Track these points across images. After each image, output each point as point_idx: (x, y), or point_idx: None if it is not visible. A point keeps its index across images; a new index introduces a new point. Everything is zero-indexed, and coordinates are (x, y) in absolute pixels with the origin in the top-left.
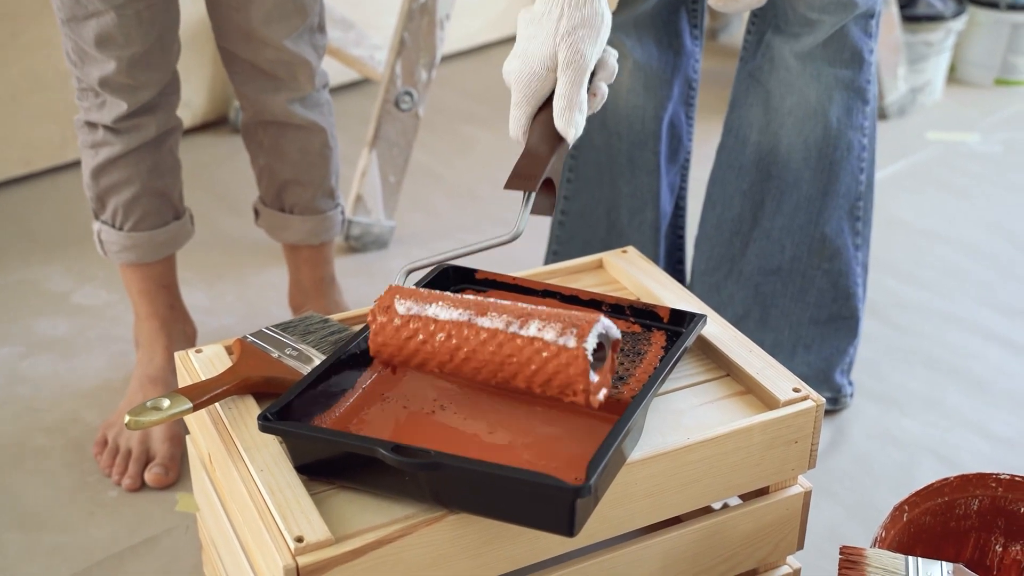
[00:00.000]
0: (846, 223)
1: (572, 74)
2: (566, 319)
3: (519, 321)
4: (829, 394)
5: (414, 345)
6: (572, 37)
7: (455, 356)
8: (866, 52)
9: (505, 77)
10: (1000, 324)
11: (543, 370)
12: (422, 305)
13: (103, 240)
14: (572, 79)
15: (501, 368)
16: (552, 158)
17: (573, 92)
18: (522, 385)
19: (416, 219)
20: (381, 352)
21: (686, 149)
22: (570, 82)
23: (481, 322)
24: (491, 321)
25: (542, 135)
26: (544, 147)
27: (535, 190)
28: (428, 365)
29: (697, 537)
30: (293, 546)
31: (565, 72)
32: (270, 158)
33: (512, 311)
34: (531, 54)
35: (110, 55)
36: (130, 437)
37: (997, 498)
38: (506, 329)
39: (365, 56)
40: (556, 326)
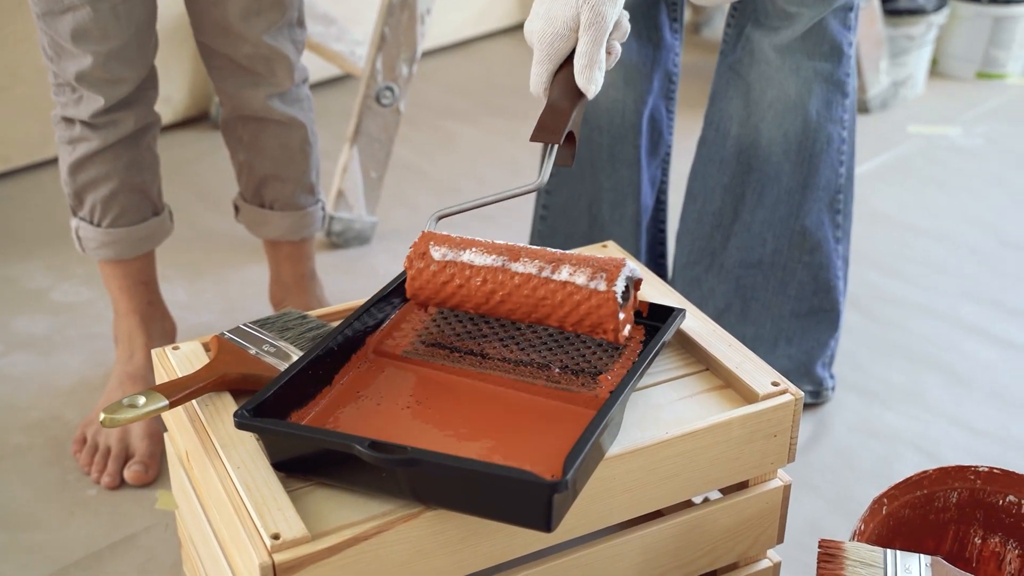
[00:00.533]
0: (826, 216)
1: (594, 33)
2: (595, 264)
3: (551, 266)
4: (810, 387)
5: (451, 289)
6: (593, 0)
7: (491, 299)
8: (845, 45)
9: (527, 36)
10: (981, 317)
11: (576, 311)
12: (457, 251)
13: (81, 236)
14: (593, 38)
15: (535, 309)
16: (573, 112)
17: (594, 51)
18: (555, 324)
19: (399, 215)
20: (418, 295)
21: (667, 143)
22: (591, 41)
23: (515, 267)
24: (524, 266)
25: (563, 91)
26: (566, 102)
27: (560, 143)
28: (464, 306)
29: (677, 532)
30: (269, 543)
31: (587, 32)
32: (249, 154)
33: (543, 256)
34: (554, 15)
35: (86, 50)
36: (109, 435)
37: (976, 491)
38: (539, 274)
39: (346, 51)
40: (586, 271)
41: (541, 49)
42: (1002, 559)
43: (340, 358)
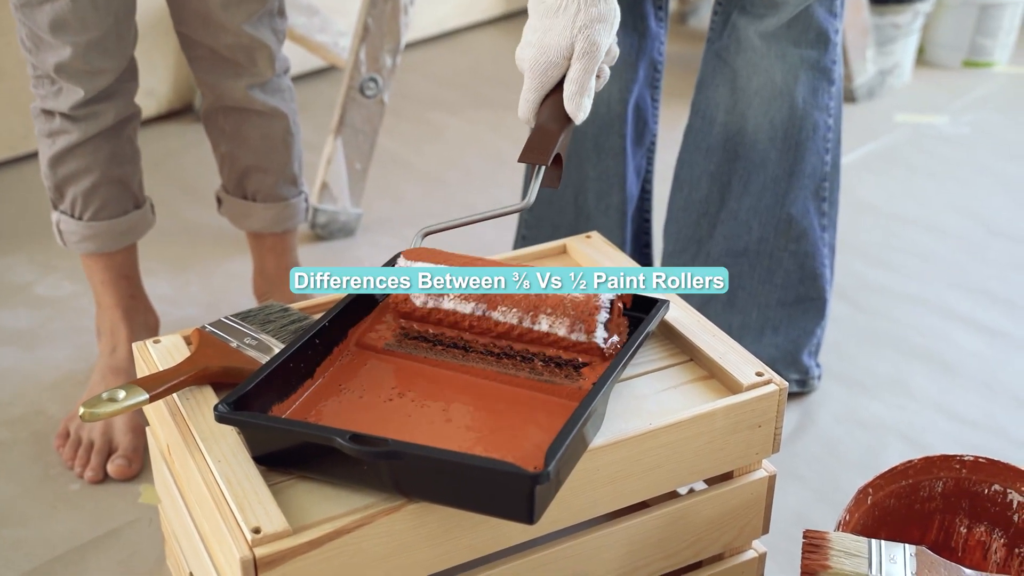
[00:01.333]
0: (812, 204)
1: (587, 62)
2: (571, 311)
3: (530, 316)
4: (797, 376)
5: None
6: (589, 30)
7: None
8: (831, 32)
9: (519, 63)
10: (968, 306)
11: (561, 351)
12: (437, 299)
13: (62, 230)
14: (586, 67)
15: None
16: (561, 135)
17: (585, 79)
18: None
19: (383, 206)
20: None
21: (652, 132)
22: (583, 70)
23: (495, 316)
24: (503, 316)
25: (552, 114)
26: (554, 125)
27: (548, 164)
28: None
29: (662, 523)
30: (250, 537)
31: (580, 60)
32: (231, 145)
33: (521, 304)
34: (548, 45)
35: (65, 41)
36: (92, 429)
37: (961, 480)
38: (519, 324)
39: (329, 43)
40: (565, 321)
41: (533, 77)
42: (988, 548)
43: (322, 351)
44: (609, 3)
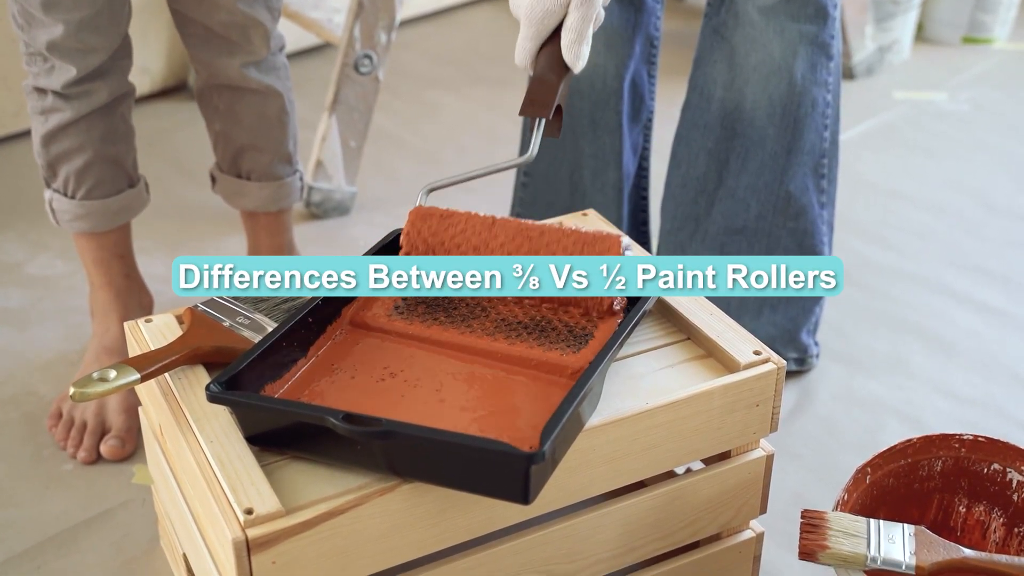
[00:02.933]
0: (811, 180)
1: (585, 10)
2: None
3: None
4: (795, 354)
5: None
6: None
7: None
8: (830, 7)
9: (513, 10)
10: (966, 285)
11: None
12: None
13: (55, 209)
14: (584, 15)
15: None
16: (561, 85)
17: (584, 27)
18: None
19: (379, 184)
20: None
21: (648, 108)
22: (582, 18)
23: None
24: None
25: (549, 63)
26: (553, 75)
27: (550, 117)
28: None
29: (659, 503)
30: (243, 518)
31: (579, 8)
32: (226, 123)
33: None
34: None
35: (57, 18)
36: (85, 409)
37: (960, 459)
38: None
39: (323, 19)
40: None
41: (530, 24)
42: (987, 528)
43: (315, 330)
44: None
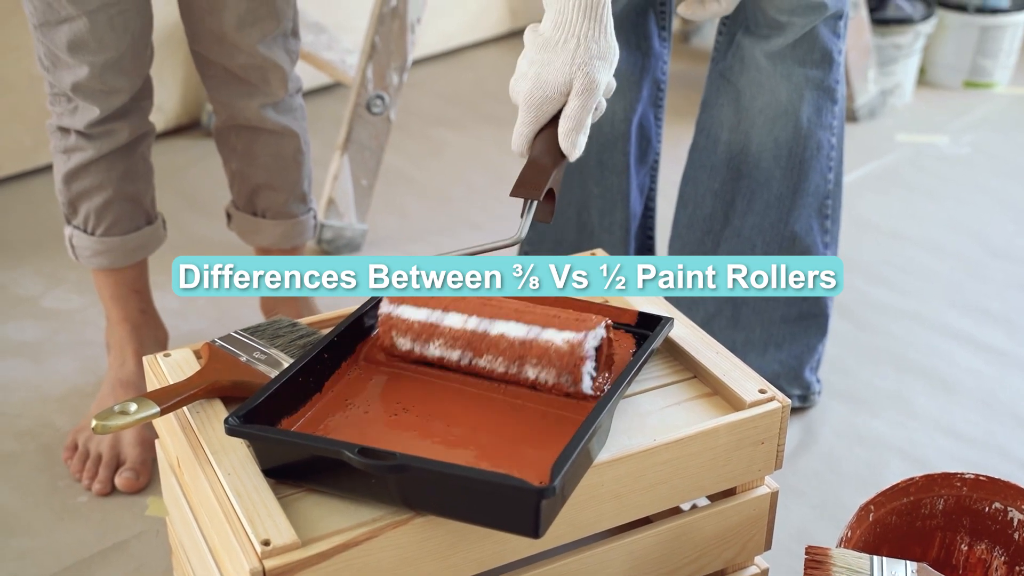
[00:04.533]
0: (815, 221)
1: (584, 99)
2: (556, 362)
3: (516, 365)
4: (799, 391)
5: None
6: (588, 67)
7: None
8: (835, 52)
9: (513, 96)
10: (967, 325)
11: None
12: (423, 345)
13: (75, 245)
14: (583, 104)
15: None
16: (554, 171)
17: (583, 116)
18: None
19: (389, 222)
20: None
21: (655, 150)
22: (581, 107)
23: (481, 363)
24: (489, 364)
25: (545, 149)
26: (547, 159)
27: (540, 199)
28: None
29: (664, 538)
30: (260, 549)
31: (578, 97)
32: (243, 163)
33: (506, 353)
34: (545, 80)
35: (83, 60)
36: (100, 442)
37: (962, 497)
38: (506, 372)
39: (336, 60)
40: (552, 371)
41: (528, 111)
42: (989, 566)
43: (330, 365)
44: (608, 40)
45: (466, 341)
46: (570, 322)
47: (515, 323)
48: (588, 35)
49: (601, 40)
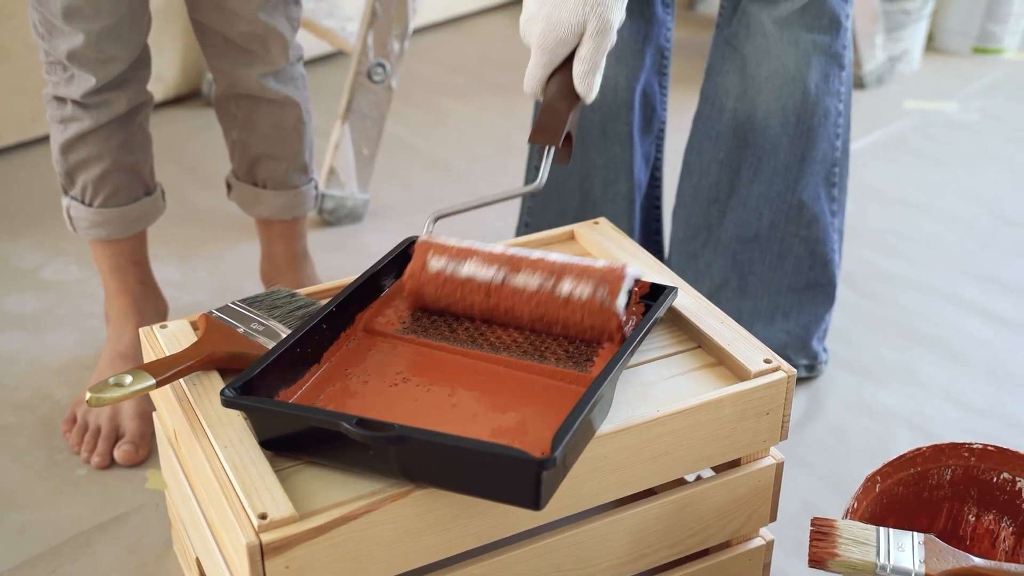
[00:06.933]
0: (823, 189)
1: (599, 40)
2: (597, 276)
3: (554, 279)
4: (806, 361)
5: (451, 300)
6: (601, 7)
7: (494, 312)
8: (843, 17)
9: (524, 38)
10: (976, 294)
11: (578, 326)
12: (456, 263)
13: (72, 216)
14: (598, 45)
15: (538, 321)
16: (571, 114)
17: (598, 57)
18: (557, 333)
19: (391, 192)
20: (418, 301)
21: (660, 119)
22: (596, 48)
23: (515, 281)
24: (525, 279)
25: (560, 92)
26: (563, 103)
27: (559, 145)
28: (468, 312)
29: (669, 510)
30: (257, 523)
31: (593, 39)
32: (243, 132)
33: (544, 267)
34: (558, 20)
35: (78, 28)
36: (99, 414)
37: (970, 468)
38: (539, 289)
39: (337, 28)
40: (589, 284)
41: (542, 54)
42: (996, 536)
43: (329, 336)
44: None
45: (505, 260)
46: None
47: (555, 254)
48: None
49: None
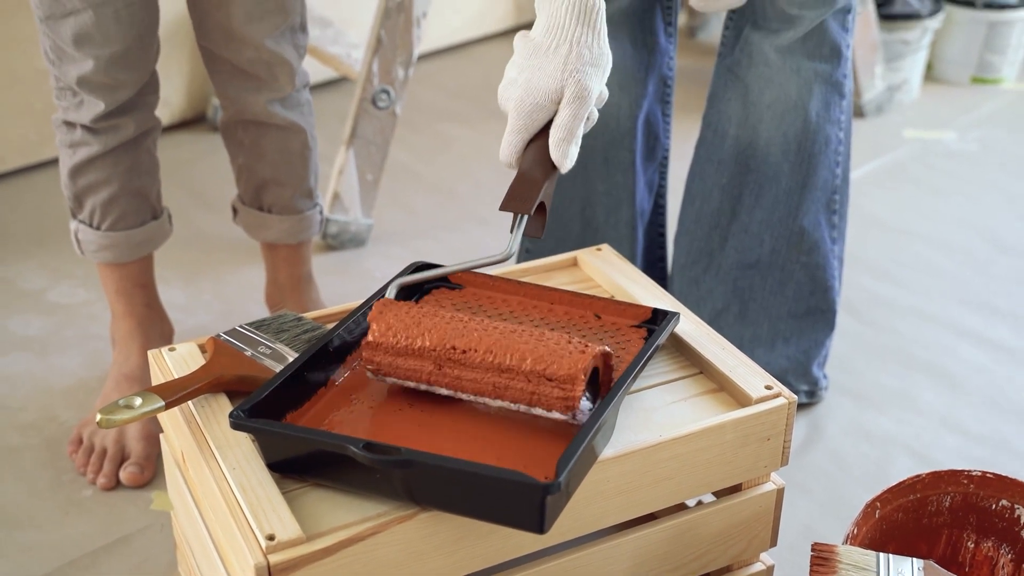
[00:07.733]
0: (823, 216)
1: (576, 108)
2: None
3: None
4: (806, 387)
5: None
6: (580, 74)
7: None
8: (844, 46)
9: (502, 104)
10: (974, 321)
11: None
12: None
13: (80, 239)
14: (575, 113)
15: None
16: (545, 183)
17: (575, 125)
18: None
19: (394, 217)
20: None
21: (663, 147)
22: (573, 115)
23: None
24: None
25: (536, 160)
26: (538, 172)
27: (530, 213)
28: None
29: (670, 534)
30: (264, 544)
31: (570, 105)
32: (249, 157)
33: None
34: (536, 86)
35: (88, 54)
36: (105, 436)
37: (969, 495)
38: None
39: (342, 54)
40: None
41: (518, 119)
42: (995, 563)
43: (335, 360)
44: (602, 47)
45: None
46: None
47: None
48: (581, 40)
49: (594, 46)
